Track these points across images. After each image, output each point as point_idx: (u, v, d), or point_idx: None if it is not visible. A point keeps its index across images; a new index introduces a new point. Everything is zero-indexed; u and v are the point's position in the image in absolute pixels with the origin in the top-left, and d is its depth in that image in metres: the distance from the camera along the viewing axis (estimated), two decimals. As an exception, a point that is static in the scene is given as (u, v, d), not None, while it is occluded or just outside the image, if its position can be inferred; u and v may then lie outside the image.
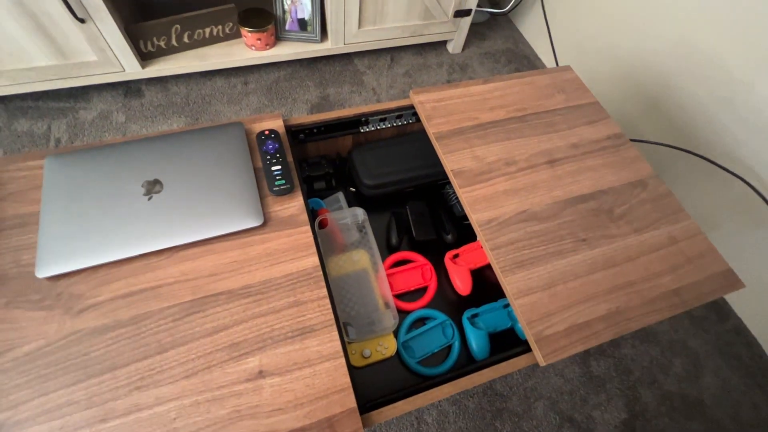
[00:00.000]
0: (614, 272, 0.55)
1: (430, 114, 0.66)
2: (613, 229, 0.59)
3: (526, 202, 0.59)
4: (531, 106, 0.71)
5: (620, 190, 0.63)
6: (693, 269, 0.57)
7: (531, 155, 0.64)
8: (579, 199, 0.61)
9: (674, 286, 0.55)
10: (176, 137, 0.58)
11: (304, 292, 0.49)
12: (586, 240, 0.57)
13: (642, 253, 0.57)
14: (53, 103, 1.15)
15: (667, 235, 0.59)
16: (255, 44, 1.21)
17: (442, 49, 1.51)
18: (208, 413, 0.41)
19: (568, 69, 0.78)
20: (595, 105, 0.73)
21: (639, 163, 0.67)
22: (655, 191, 0.64)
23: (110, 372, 0.42)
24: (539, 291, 0.52)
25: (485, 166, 0.62)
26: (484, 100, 0.70)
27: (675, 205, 0.63)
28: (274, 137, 0.59)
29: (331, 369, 0.45)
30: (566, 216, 0.59)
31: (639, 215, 0.61)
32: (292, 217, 0.55)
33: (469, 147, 0.64)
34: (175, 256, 0.50)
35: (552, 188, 0.61)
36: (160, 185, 0.53)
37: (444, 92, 0.70)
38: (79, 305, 0.46)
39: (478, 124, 0.67)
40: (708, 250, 0.59)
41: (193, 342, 0.45)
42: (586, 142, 0.68)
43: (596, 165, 0.65)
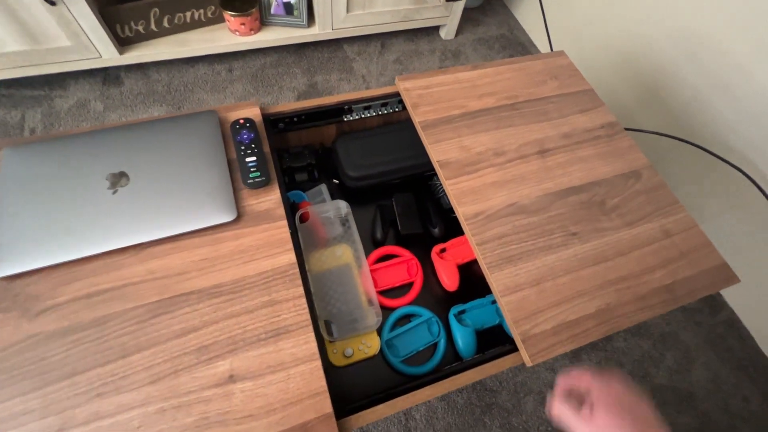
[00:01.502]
0: (605, 267, 0.52)
1: (416, 102, 0.63)
2: (605, 223, 0.56)
3: (515, 194, 0.56)
4: (522, 93, 0.67)
5: (613, 181, 0.60)
6: (687, 264, 0.55)
7: (521, 145, 0.61)
8: (570, 192, 0.58)
9: (667, 281, 0.53)
10: (144, 127, 0.54)
11: (279, 291, 0.47)
12: (576, 234, 0.54)
13: (634, 248, 0.55)
14: (27, 91, 1.11)
15: (661, 229, 0.57)
16: (239, 29, 1.16)
17: (434, 35, 1.46)
18: (173, 421, 0.39)
19: (561, 54, 0.74)
20: (590, 93, 0.70)
21: (633, 153, 0.64)
22: (650, 182, 0.61)
23: (69, 378, 0.40)
24: (527, 288, 0.50)
25: (473, 157, 0.59)
26: (473, 87, 0.67)
27: (669, 197, 0.60)
28: (249, 126, 0.56)
29: (306, 372, 0.43)
30: (556, 209, 0.56)
31: (632, 208, 0.58)
32: (268, 211, 0.52)
33: (457, 136, 0.60)
34: (141, 254, 0.47)
35: (542, 180, 0.58)
36: (126, 178, 0.50)
37: (431, 79, 0.66)
38: (37, 307, 0.43)
39: (466, 112, 0.63)
40: (703, 244, 0.57)
41: (160, 345, 0.42)
42: (579, 131, 0.65)
43: (589, 155, 0.62)
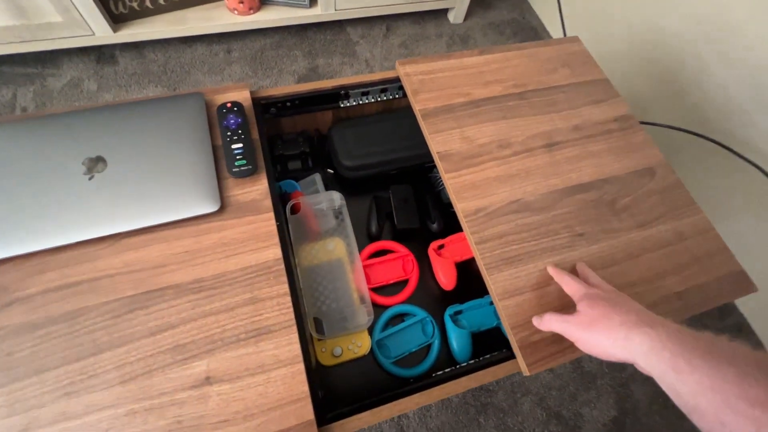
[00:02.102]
0: (613, 271, 0.49)
1: (417, 88, 0.59)
2: (615, 223, 0.52)
3: (519, 190, 0.53)
4: (531, 81, 0.63)
5: (625, 179, 0.56)
6: (700, 270, 0.51)
7: (528, 138, 0.57)
8: (578, 189, 0.54)
9: (679, 288, 0.49)
10: (125, 108, 0.51)
11: (262, 288, 0.44)
12: (583, 234, 0.51)
13: (645, 251, 0.51)
14: (19, 68, 1.07)
15: (674, 231, 0.53)
16: (237, 8, 1.12)
17: (442, 19, 1.40)
18: (145, 424, 0.37)
19: (575, 40, 0.70)
20: (604, 82, 0.65)
21: (648, 149, 0.59)
22: (664, 181, 0.57)
23: (36, 375, 0.38)
24: (528, 291, 0.46)
25: (476, 149, 0.55)
26: (479, 73, 0.62)
27: (685, 198, 0.56)
28: (237, 111, 0.52)
29: (287, 376, 0.40)
30: (563, 207, 0.52)
31: (644, 208, 0.54)
32: (254, 202, 0.49)
33: (459, 127, 0.56)
34: (117, 245, 0.44)
35: (549, 176, 0.54)
36: (104, 163, 0.47)
37: (434, 63, 0.62)
38: (5, 299, 0.40)
39: (470, 100, 0.59)
40: (719, 249, 0.53)
41: (133, 343, 0.40)
42: (590, 123, 0.60)
43: (600, 150, 0.58)
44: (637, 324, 0.33)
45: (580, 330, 0.37)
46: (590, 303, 0.38)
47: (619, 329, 0.34)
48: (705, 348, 0.29)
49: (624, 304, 0.37)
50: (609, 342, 0.35)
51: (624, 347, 0.33)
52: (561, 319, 0.39)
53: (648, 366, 0.32)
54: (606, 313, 0.36)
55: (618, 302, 0.37)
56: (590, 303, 0.38)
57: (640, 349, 0.32)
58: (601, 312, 0.37)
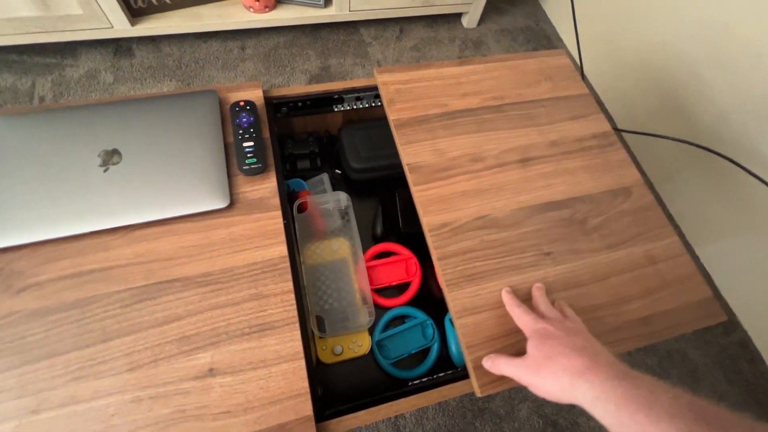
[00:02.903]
0: (577, 293, 0.47)
1: (393, 98, 0.57)
2: (584, 243, 0.51)
3: (487, 206, 0.51)
4: (510, 94, 0.61)
5: (598, 198, 0.54)
6: (669, 295, 0.49)
7: (502, 152, 0.56)
8: (549, 206, 0.52)
9: (644, 313, 0.47)
10: (142, 103, 0.52)
11: (267, 284, 0.45)
12: (550, 254, 0.49)
13: (613, 273, 0.49)
14: (39, 58, 1.10)
15: (645, 254, 0.51)
16: (253, 6, 1.13)
17: (455, 23, 1.40)
18: (149, 411, 0.38)
19: (560, 54, 0.68)
20: (585, 97, 0.63)
21: (625, 168, 0.58)
22: (639, 202, 0.55)
23: (48, 359, 0.39)
24: (486, 310, 0.45)
25: (447, 162, 0.54)
26: (457, 84, 0.61)
27: (659, 219, 0.54)
28: (249, 109, 0.54)
29: (288, 371, 0.41)
30: (532, 225, 0.51)
31: (616, 229, 0.52)
32: (263, 200, 0.50)
33: (432, 138, 0.55)
34: (129, 236, 0.46)
35: (520, 192, 0.53)
36: (119, 156, 0.48)
37: (413, 73, 0.61)
38: (20, 283, 0.42)
39: (446, 112, 0.58)
40: (690, 274, 0.51)
41: (141, 332, 0.41)
42: (568, 140, 0.58)
43: (575, 167, 0.56)
44: (581, 372, 0.33)
45: (528, 374, 0.36)
46: (537, 342, 0.37)
47: (563, 375, 0.33)
48: (648, 402, 0.29)
49: (571, 342, 0.36)
50: (556, 388, 0.34)
51: (570, 393, 0.33)
52: (510, 363, 0.38)
53: (594, 414, 0.31)
54: (551, 355, 0.35)
55: (565, 341, 0.36)
56: (537, 342, 0.37)
57: (585, 398, 0.32)
58: (546, 354, 0.36)
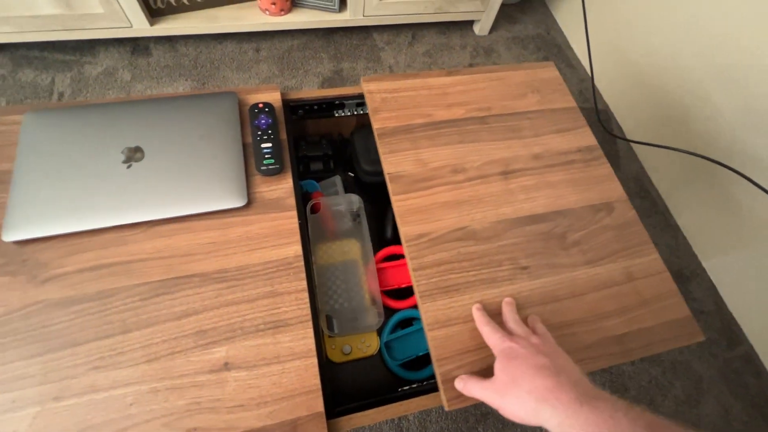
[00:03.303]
0: (552, 309, 0.47)
1: (378, 106, 0.58)
2: (562, 258, 0.50)
3: (466, 217, 0.51)
4: (496, 105, 0.62)
5: (580, 213, 0.54)
6: (646, 314, 0.49)
7: (484, 163, 0.56)
8: (529, 220, 0.52)
9: (620, 331, 0.47)
10: (165, 102, 0.54)
11: (282, 282, 0.46)
12: (527, 268, 0.49)
13: (590, 290, 0.49)
14: (59, 54, 1.12)
15: (624, 271, 0.51)
16: (269, 8, 1.15)
17: (467, 30, 1.42)
18: (165, 402, 0.39)
19: (549, 66, 0.68)
20: (572, 111, 0.63)
21: (609, 182, 0.57)
22: (621, 218, 0.55)
23: (70, 348, 0.40)
24: (459, 323, 0.45)
25: (428, 172, 0.54)
26: (443, 94, 0.61)
27: (641, 236, 0.54)
28: (268, 111, 0.55)
29: (301, 368, 0.42)
30: (510, 238, 0.51)
31: (596, 244, 0.52)
32: (279, 200, 0.51)
33: (415, 148, 0.56)
34: (149, 231, 0.47)
35: (500, 204, 0.53)
36: (142, 153, 0.49)
37: (399, 82, 0.61)
38: (45, 274, 0.43)
39: (430, 122, 0.58)
40: (669, 293, 0.51)
41: (159, 325, 0.42)
42: (552, 153, 0.59)
43: (558, 181, 0.56)
44: (544, 395, 0.33)
45: (496, 398, 0.37)
46: (503, 364, 0.38)
47: (528, 399, 0.34)
48: (609, 426, 0.30)
49: (535, 362, 0.36)
50: (522, 412, 0.34)
51: (536, 418, 0.33)
52: (480, 386, 0.39)
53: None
54: (515, 377, 0.36)
55: (530, 361, 0.36)
56: (503, 364, 0.38)
57: (550, 423, 0.32)
58: (511, 377, 0.36)
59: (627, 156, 1.25)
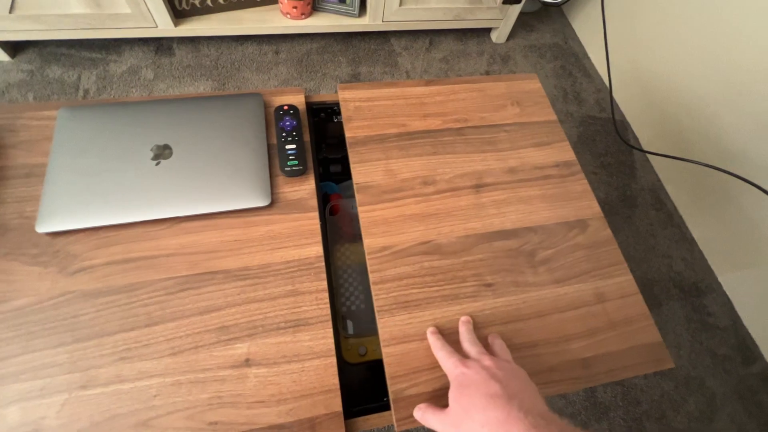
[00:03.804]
0: (515, 328, 0.46)
1: (351, 115, 0.58)
2: (529, 276, 0.49)
3: (433, 231, 0.50)
4: (474, 117, 0.60)
5: (552, 229, 0.53)
6: (614, 337, 0.47)
7: (456, 176, 0.55)
8: (498, 235, 0.51)
9: (585, 354, 0.46)
10: (193, 102, 0.55)
11: (303, 282, 0.47)
12: (491, 285, 0.48)
13: (557, 310, 0.47)
14: (86, 52, 1.15)
15: (594, 292, 0.49)
16: (291, 12, 1.17)
17: (484, 37, 1.42)
18: (188, 395, 0.40)
19: (532, 78, 0.66)
20: (552, 124, 0.62)
21: (585, 199, 0.56)
22: (595, 236, 0.53)
23: (97, 339, 0.41)
24: (416, 340, 0.44)
25: (397, 184, 0.53)
26: (420, 104, 0.60)
27: (614, 256, 0.52)
28: (293, 113, 0.56)
29: (320, 367, 0.42)
30: (477, 253, 0.49)
31: (566, 263, 0.50)
32: (301, 200, 0.52)
33: (386, 158, 0.55)
34: (176, 227, 0.48)
35: (469, 218, 0.52)
36: (170, 151, 0.51)
37: (376, 91, 0.61)
38: (75, 266, 0.45)
39: (404, 132, 0.57)
40: (640, 316, 0.49)
41: (183, 319, 0.43)
42: (528, 167, 0.57)
43: (531, 196, 0.55)
44: (495, 428, 0.32)
45: (452, 430, 0.36)
46: (455, 393, 0.37)
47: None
48: None
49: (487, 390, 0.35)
50: None
51: None
52: (437, 418, 0.38)
53: None
54: (467, 408, 0.35)
55: (482, 389, 0.35)
56: (455, 393, 0.37)
57: None
58: (463, 407, 0.35)
59: (643, 167, 1.24)
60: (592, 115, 1.29)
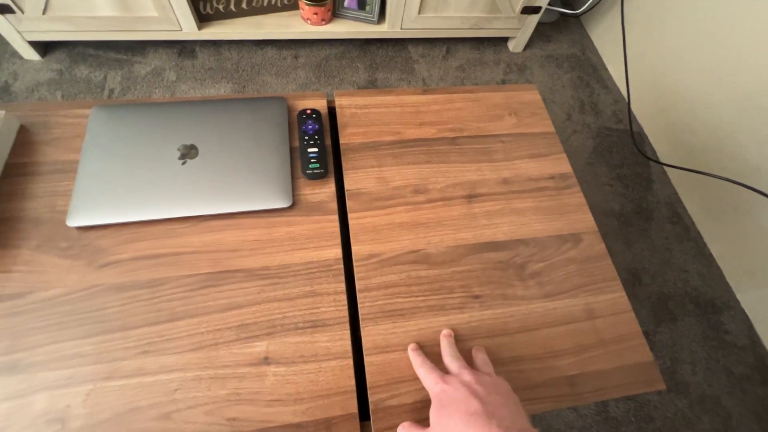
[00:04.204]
0: (500, 342, 0.45)
1: (346, 122, 0.58)
2: (519, 289, 0.48)
3: (422, 240, 0.50)
4: (470, 127, 0.60)
5: (544, 242, 0.52)
6: (604, 355, 0.46)
7: (448, 185, 0.54)
8: (488, 247, 0.50)
9: (572, 372, 0.44)
10: (219, 104, 0.57)
11: (321, 283, 0.47)
12: (479, 297, 0.47)
13: (545, 325, 0.46)
14: (112, 53, 1.19)
15: (585, 308, 0.48)
16: (311, 18, 1.19)
17: (501, 46, 1.43)
18: (208, 390, 0.41)
19: (531, 89, 0.65)
20: (550, 136, 0.61)
21: (580, 213, 0.55)
22: (589, 250, 0.52)
23: (122, 331, 0.42)
24: (399, 350, 0.43)
25: (389, 191, 0.53)
26: (416, 113, 0.60)
27: (608, 272, 0.51)
28: (315, 117, 0.57)
29: (337, 368, 0.43)
30: (466, 264, 0.49)
31: (557, 277, 0.49)
32: (322, 203, 0.53)
33: (378, 166, 0.55)
34: (199, 226, 0.49)
35: (460, 228, 0.51)
36: (196, 151, 0.52)
37: (372, 98, 0.61)
38: (103, 260, 0.46)
39: (398, 140, 0.57)
40: (631, 334, 0.47)
41: (205, 316, 0.44)
42: (522, 179, 0.57)
43: (524, 208, 0.54)
44: None
45: None
46: (436, 413, 0.36)
47: None
48: None
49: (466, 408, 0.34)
50: None
51: None
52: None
53: None
54: (448, 428, 0.34)
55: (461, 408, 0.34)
56: (436, 413, 0.36)
57: None
58: (444, 427, 0.35)
59: (660, 180, 1.23)
60: (609, 126, 1.28)
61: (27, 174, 0.50)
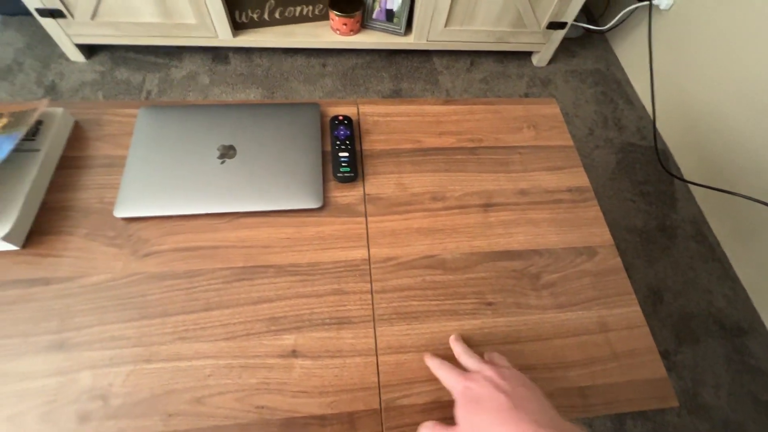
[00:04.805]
0: (513, 349, 0.45)
1: (369, 129, 0.60)
2: (532, 299, 0.49)
3: (438, 246, 0.51)
4: (489, 138, 0.61)
5: (559, 254, 0.52)
6: (616, 368, 0.46)
7: (466, 194, 0.56)
8: (503, 255, 0.51)
9: (583, 383, 0.44)
10: (256, 108, 0.60)
11: (348, 282, 0.49)
12: (492, 305, 0.48)
13: (557, 335, 0.47)
14: (151, 57, 1.25)
15: (599, 321, 0.48)
16: (340, 28, 1.23)
17: (525, 60, 1.44)
18: (239, 378, 0.42)
19: (550, 102, 0.66)
20: (568, 150, 0.61)
21: (596, 226, 0.55)
22: (603, 264, 0.52)
23: (161, 318, 0.45)
24: (412, 351, 0.44)
25: (407, 197, 0.54)
26: (437, 122, 0.62)
27: (622, 286, 0.51)
28: (347, 123, 0.59)
29: (361, 365, 0.44)
30: (480, 271, 0.50)
31: (571, 289, 0.50)
32: (350, 205, 0.55)
33: (398, 172, 0.56)
34: (234, 222, 0.52)
35: (476, 236, 0.52)
36: (234, 151, 0.55)
37: (393, 107, 0.63)
38: (145, 249, 0.49)
39: (418, 148, 0.59)
40: (645, 349, 0.47)
41: (237, 307, 0.46)
42: (539, 190, 0.57)
43: (540, 219, 0.55)
44: None
45: None
46: (463, 411, 0.36)
47: None
48: None
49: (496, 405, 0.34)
50: None
51: None
52: None
53: None
54: (477, 427, 0.34)
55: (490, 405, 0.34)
56: (463, 411, 0.36)
57: None
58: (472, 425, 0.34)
59: (684, 198, 1.21)
60: (633, 142, 1.27)
61: (79, 167, 0.54)
